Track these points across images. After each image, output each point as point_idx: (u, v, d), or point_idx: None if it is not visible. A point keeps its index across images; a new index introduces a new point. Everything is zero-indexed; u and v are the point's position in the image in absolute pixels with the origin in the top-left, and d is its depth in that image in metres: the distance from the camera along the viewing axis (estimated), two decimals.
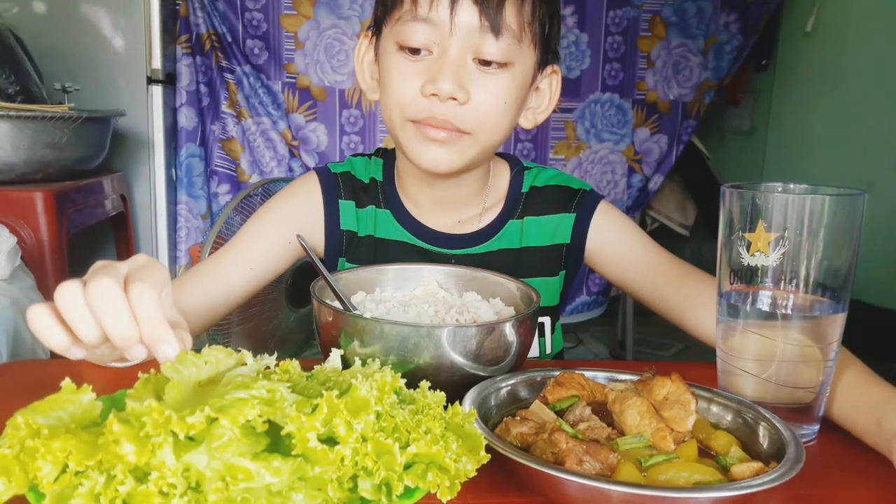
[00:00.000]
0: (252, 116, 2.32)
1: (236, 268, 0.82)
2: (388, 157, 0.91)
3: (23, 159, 1.63)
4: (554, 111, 0.86)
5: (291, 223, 0.86)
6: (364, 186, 0.89)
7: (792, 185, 0.59)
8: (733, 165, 2.96)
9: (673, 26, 2.51)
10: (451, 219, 0.87)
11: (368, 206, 0.88)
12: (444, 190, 0.85)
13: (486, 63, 0.74)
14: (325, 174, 0.89)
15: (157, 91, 2.16)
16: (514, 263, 0.87)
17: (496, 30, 0.73)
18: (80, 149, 1.76)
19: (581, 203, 0.88)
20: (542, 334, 0.89)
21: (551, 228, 0.88)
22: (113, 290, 0.46)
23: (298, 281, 1.99)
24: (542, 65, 0.80)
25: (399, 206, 0.88)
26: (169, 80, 2.22)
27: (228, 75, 2.28)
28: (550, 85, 0.84)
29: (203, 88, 2.29)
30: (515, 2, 0.73)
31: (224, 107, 2.31)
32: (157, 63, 2.14)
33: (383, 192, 0.89)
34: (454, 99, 0.73)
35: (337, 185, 0.88)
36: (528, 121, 0.83)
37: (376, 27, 0.81)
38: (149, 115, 2.17)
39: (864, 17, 2.28)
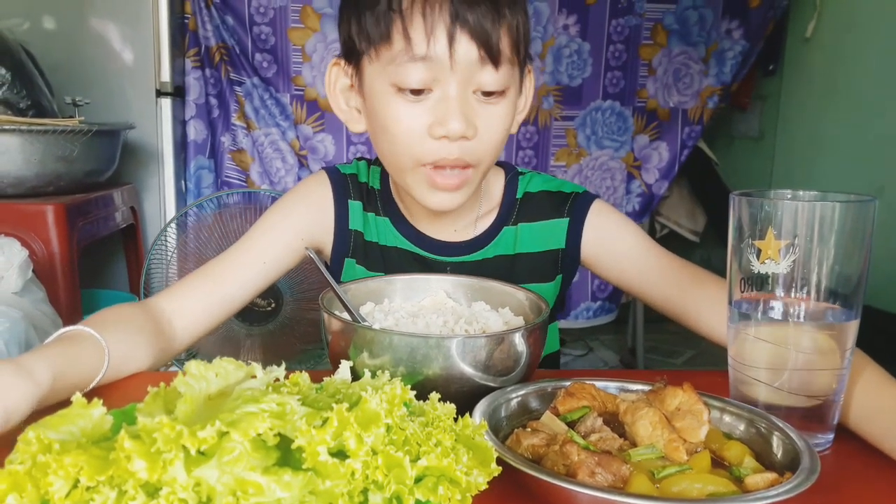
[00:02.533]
0: (261, 128, 2.33)
1: (248, 262, 0.83)
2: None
3: (34, 172, 1.65)
4: (535, 107, 0.86)
5: (304, 218, 0.87)
6: (368, 190, 0.90)
7: (801, 192, 0.59)
8: (742, 171, 2.95)
9: (674, 34, 2.51)
10: (447, 227, 0.88)
11: (370, 211, 0.90)
12: None
13: (488, 94, 0.73)
14: (334, 173, 0.90)
15: (167, 103, 2.18)
16: (508, 270, 0.87)
17: (495, 61, 0.72)
18: (91, 162, 1.77)
19: (573, 206, 0.88)
20: None
21: (545, 234, 0.88)
22: None
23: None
24: (522, 73, 0.80)
25: (397, 213, 0.89)
26: (177, 93, 2.24)
27: (237, 88, 2.30)
28: (525, 86, 0.83)
29: (213, 101, 2.31)
30: (508, 28, 0.72)
31: (234, 118, 2.33)
32: (165, 76, 2.16)
33: (381, 200, 0.90)
34: (463, 137, 0.72)
35: (347, 185, 0.89)
36: (514, 125, 0.83)
37: (354, 57, 0.77)
38: (158, 127, 2.19)
39: (869, 21, 2.27)
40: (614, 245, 0.87)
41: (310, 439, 0.40)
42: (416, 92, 0.72)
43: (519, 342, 0.59)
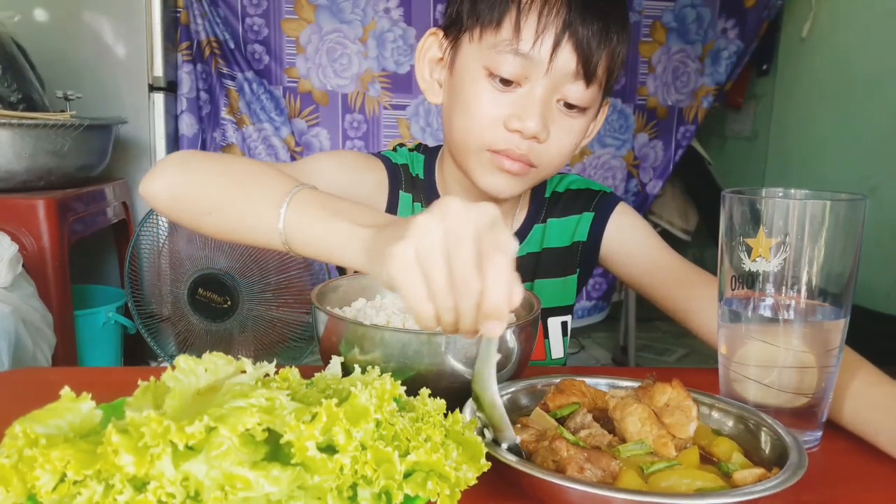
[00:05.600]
0: (254, 123, 2.32)
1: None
2: (428, 153, 0.91)
3: (25, 167, 1.64)
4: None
5: (361, 193, 0.84)
6: (416, 180, 0.89)
7: (793, 191, 0.59)
8: (735, 170, 2.96)
9: (673, 32, 2.52)
10: None
11: (417, 202, 0.89)
12: (486, 199, 0.86)
13: (570, 107, 0.75)
14: (388, 163, 0.89)
15: (159, 98, 2.17)
16: (533, 265, 0.89)
17: (589, 78, 0.73)
18: (82, 156, 1.76)
19: (600, 203, 0.90)
20: (564, 333, 0.90)
21: (570, 228, 0.90)
22: (474, 275, 0.43)
23: (208, 294, 1.96)
24: (602, 101, 0.82)
25: None
26: (170, 88, 2.23)
27: (229, 82, 2.29)
28: (597, 115, 0.84)
29: (203, 95, 2.30)
30: (609, 53, 0.74)
31: (223, 113, 2.32)
32: (158, 71, 2.15)
33: (425, 190, 0.89)
34: (535, 137, 0.74)
35: (399, 176, 0.88)
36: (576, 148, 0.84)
37: (455, 31, 0.78)
38: (150, 122, 2.18)
39: (862, 22, 2.28)
40: (632, 243, 0.89)
41: (298, 434, 0.40)
42: (506, 83, 0.73)
43: (510, 339, 0.59)
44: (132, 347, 2.10)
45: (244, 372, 0.49)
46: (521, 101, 0.73)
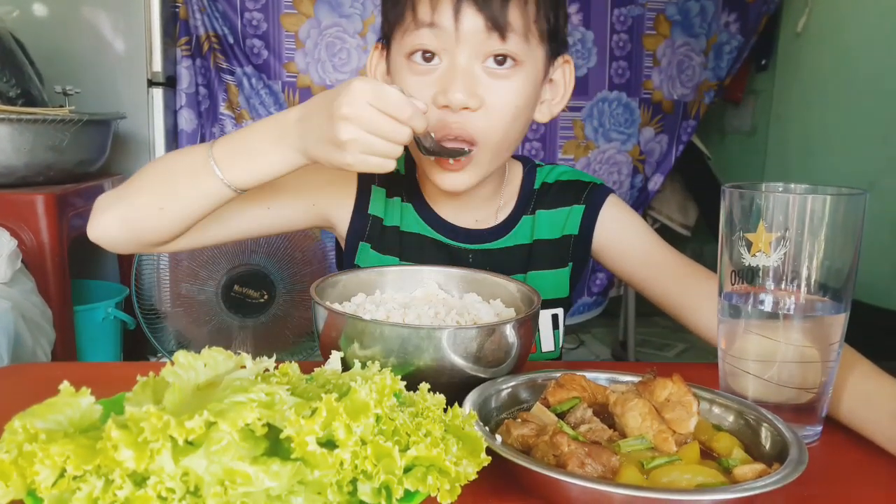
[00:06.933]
0: (253, 118, 2.32)
1: (256, 196, 0.80)
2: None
3: (24, 162, 1.63)
4: (567, 104, 0.86)
5: (324, 190, 0.87)
6: (394, 176, 0.89)
7: (793, 185, 0.59)
8: (734, 165, 2.96)
9: (677, 25, 2.51)
10: (469, 216, 0.89)
11: (395, 196, 0.89)
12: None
13: (499, 62, 0.74)
14: None
15: (158, 93, 2.16)
16: (526, 257, 0.88)
17: (502, 32, 0.72)
18: (81, 152, 1.76)
19: (591, 195, 0.89)
20: (556, 326, 0.90)
21: (561, 220, 0.89)
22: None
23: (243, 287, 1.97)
24: (552, 57, 0.80)
25: (421, 200, 0.89)
26: (170, 83, 2.22)
27: (228, 77, 2.28)
28: (564, 75, 0.83)
29: (202, 90, 2.29)
30: (518, 1, 0.73)
31: (223, 108, 2.31)
32: (157, 66, 2.15)
33: (405, 185, 0.89)
34: (466, 108, 0.73)
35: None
36: (544, 114, 0.83)
37: (386, 42, 0.81)
38: (149, 117, 2.17)
39: (859, 17, 2.28)
40: (625, 237, 0.88)
41: (298, 429, 0.40)
42: (427, 59, 0.74)
43: (510, 333, 0.59)
44: (131, 343, 2.10)
45: (244, 367, 0.49)
46: (444, 77, 0.74)
